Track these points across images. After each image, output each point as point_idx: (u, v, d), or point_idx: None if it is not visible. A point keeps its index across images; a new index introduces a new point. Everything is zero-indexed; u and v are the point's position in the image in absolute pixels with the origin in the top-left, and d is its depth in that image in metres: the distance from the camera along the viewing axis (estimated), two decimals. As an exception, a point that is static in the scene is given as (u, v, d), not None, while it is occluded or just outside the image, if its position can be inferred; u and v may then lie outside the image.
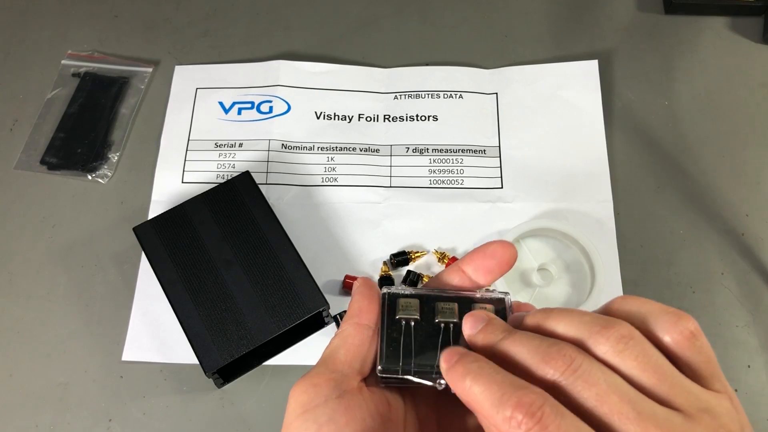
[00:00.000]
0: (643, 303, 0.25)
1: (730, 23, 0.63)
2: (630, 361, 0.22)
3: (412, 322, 0.29)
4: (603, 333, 0.22)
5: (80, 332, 0.51)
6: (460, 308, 0.29)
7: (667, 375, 0.22)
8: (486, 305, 0.29)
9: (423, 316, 0.29)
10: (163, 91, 0.61)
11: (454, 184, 0.56)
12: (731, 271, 0.53)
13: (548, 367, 0.22)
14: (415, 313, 0.29)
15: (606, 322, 0.23)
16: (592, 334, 0.23)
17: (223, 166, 0.58)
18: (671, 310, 0.24)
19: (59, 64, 0.63)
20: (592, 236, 0.52)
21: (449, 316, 0.29)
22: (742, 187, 0.56)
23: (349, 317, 0.30)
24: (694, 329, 0.24)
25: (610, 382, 0.21)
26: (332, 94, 0.61)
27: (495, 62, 0.62)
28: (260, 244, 0.49)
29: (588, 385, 0.21)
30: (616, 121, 0.59)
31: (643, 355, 0.22)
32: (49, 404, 0.49)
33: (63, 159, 0.58)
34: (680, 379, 0.22)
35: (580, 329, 0.23)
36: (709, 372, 0.23)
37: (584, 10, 0.65)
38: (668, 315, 0.24)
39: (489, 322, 0.26)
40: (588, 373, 0.21)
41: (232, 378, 0.49)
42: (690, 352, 0.23)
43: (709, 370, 0.23)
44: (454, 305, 0.29)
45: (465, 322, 0.27)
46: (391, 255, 0.53)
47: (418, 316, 0.29)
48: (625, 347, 0.22)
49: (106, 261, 0.54)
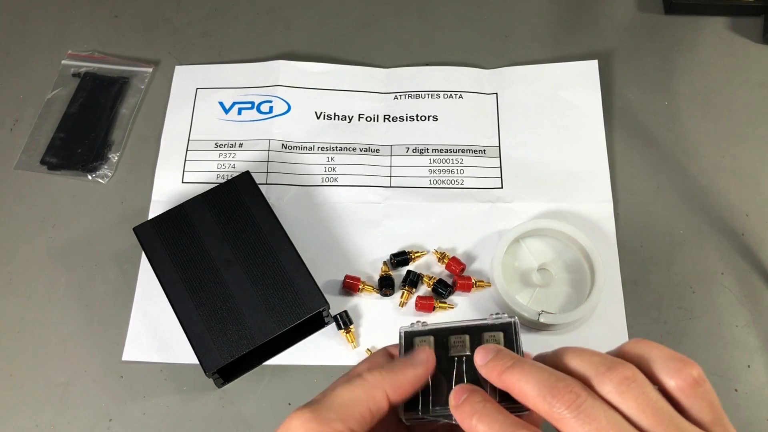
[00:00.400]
0: (652, 348, 0.26)
1: (730, 23, 0.63)
2: (631, 401, 0.24)
3: None
4: (608, 374, 0.24)
5: (80, 332, 0.51)
6: (471, 339, 0.31)
7: (665, 417, 0.24)
8: (495, 333, 0.31)
9: (438, 351, 0.31)
10: (163, 91, 0.62)
11: (454, 184, 0.57)
12: (731, 271, 0.53)
13: (555, 400, 0.24)
14: None
15: (612, 363, 0.25)
16: (598, 374, 0.25)
17: (223, 166, 0.58)
18: (677, 357, 0.26)
19: (59, 64, 0.63)
20: (592, 236, 0.52)
21: (461, 350, 0.31)
22: (742, 187, 0.56)
23: (389, 379, 0.29)
24: (697, 376, 0.25)
25: (610, 419, 0.23)
26: (332, 94, 0.61)
27: (495, 62, 0.62)
28: (260, 244, 0.49)
29: (589, 420, 0.23)
30: (616, 121, 0.59)
31: (644, 396, 0.24)
32: (49, 404, 0.49)
33: (63, 159, 0.58)
34: (678, 422, 0.24)
35: (588, 368, 0.25)
36: (712, 417, 0.25)
37: (584, 10, 0.65)
38: (674, 361, 0.25)
39: (498, 353, 0.28)
40: (591, 409, 0.23)
41: (232, 378, 0.49)
42: (693, 397, 0.25)
43: (712, 415, 0.25)
44: (466, 337, 0.32)
45: (476, 355, 0.28)
46: (391, 255, 0.53)
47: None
48: (627, 389, 0.24)
49: (106, 261, 0.54)
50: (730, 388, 0.48)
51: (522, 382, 0.25)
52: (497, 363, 0.27)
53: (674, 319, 0.51)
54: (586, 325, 0.50)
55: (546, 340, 0.50)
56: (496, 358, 0.27)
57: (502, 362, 0.27)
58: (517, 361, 0.26)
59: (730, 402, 0.48)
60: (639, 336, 0.50)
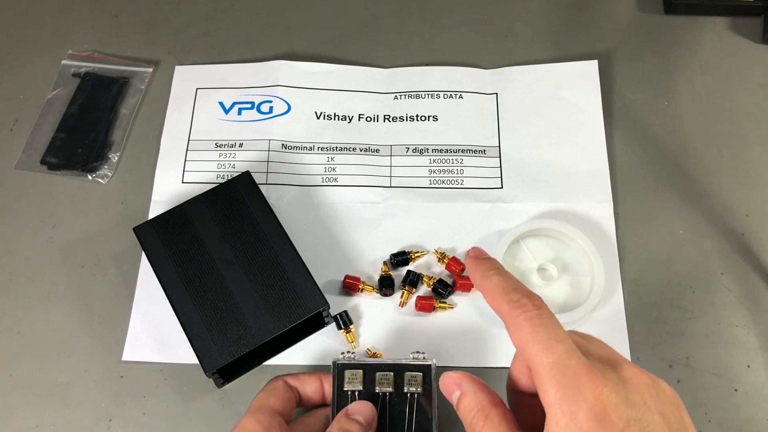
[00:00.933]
0: None
1: (730, 23, 0.63)
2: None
3: (357, 393, 0.38)
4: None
5: (80, 332, 0.51)
6: (395, 377, 0.38)
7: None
8: (416, 373, 0.37)
9: (365, 386, 0.38)
10: (163, 91, 0.62)
11: (454, 184, 0.57)
12: (731, 271, 0.53)
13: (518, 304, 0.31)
14: (359, 385, 0.38)
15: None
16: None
17: (224, 166, 0.58)
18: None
19: (59, 64, 0.63)
20: (592, 236, 0.52)
21: (386, 386, 0.38)
22: (742, 187, 0.56)
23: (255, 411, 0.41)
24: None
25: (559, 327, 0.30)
26: (332, 94, 0.61)
27: (495, 62, 0.62)
28: (260, 244, 0.49)
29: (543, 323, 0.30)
30: (616, 121, 0.59)
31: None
32: (49, 404, 0.49)
33: (63, 159, 0.58)
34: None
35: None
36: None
37: (584, 10, 0.65)
38: None
39: (486, 258, 0.35)
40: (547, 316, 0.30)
41: (232, 378, 0.49)
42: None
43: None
44: (391, 375, 0.38)
45: (469, 251, 0.35)
46: (391, 255, 0.53)
47: (361, 387, 0.38)
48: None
49: (106, 261, 0.54)
50: (730, 388, 0.48)
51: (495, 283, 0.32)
52: (482, 265, 0.34)
53: (674, 319, 0.51)
54: (586, 325, 0.50)
55: (546, 340, 0.50)
56: (484, 260, 0.34)
57: (487, 264, 0.34)
58: (497, 269, 0.33)
59: (730, 402, 0.48)
60: (639, 335, 0.50)
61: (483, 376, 0.49)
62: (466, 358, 0.50)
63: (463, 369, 0.49)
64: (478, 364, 0.49)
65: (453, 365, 0.49)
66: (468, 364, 0.49)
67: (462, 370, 0.35)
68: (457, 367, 0.49)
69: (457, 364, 0.49)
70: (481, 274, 0.33)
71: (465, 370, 0.49)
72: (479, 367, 0.49)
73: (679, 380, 0.49)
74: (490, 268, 0.33)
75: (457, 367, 0.49)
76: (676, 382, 0.49)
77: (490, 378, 0.49)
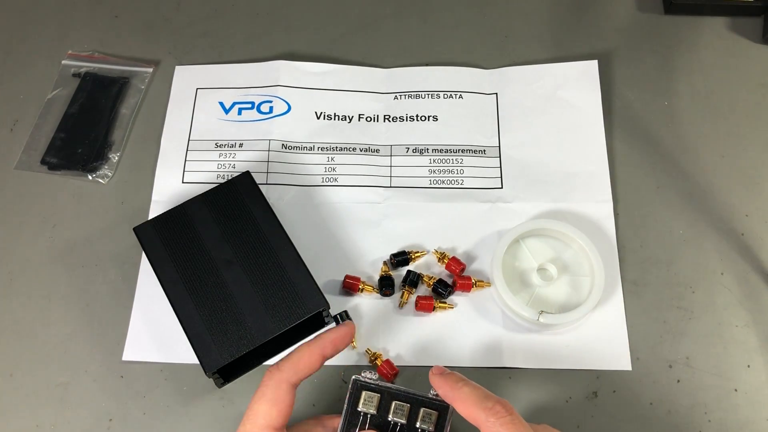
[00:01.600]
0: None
1: (730, 23, 0.63)
2: None
3: (369, 416, 0.38)
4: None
5: (80, 332, 0.51)
6: (410, 410, 0.38)
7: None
8: (431, 411, 0.38)
9: (379, 411, 0.38)
10: (163, 91, 0.62)
11: (454, 184, 0.57)
12: (731, 271, 0.53)
13: (491, 412, 0.35)
14: (372, 409, 0.38)
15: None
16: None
17: (224, 166, 0.58)
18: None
19: (59, 64, 0.63)
20: (592, 236, 0.52)
21: (400, 417, 0.38)
22: (742, 187, 0.56)
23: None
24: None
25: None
26: (332, 94, 0.61)
27: (495, 62, 0.62)
28: (260, 244, 0.49)
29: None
30: (615, 121, 0.59)
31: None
32: (49, 404, 0.49)
33: (63, 159, 0.58)
34: None
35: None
36: None
37: (584, 10, 0.65)
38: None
39: (450, 372, 0.38)
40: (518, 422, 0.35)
41: (232, 378, 0.49)
42: None
43: None
44: (407, 406, 0.38)
45: (433, 368, 0.39)
46: (391, 255, 0.53)
47: (375, 411, 0.38)
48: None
49: (107, 261, 0.54)
50: (730, 388, 0.48)
51: (467, 393, 0.36)
52: (450, 378, 0.37)
53: (674, 319, 0.51)
54: (586, 325, 0.50)
55: (546, 340, 0.50)
56: (449, 374, 0.38)
57: (454, 377, 0.37)
58: (465, 380, 0.37)
59: (729, 402, 0.48)
60: (639, 335, 0.50)
61: (483, 376, 0.49)
62: (466, 358, 0.50)
63: (463, 369, 0.49)
64: (478, 364, 0.49)
65: (453, 365, 0.49)
66: (468, 364, 0.49)
67: (461, 371, 0.35)
68: (457, 367, 0.49)
69: (457, 364, 0.49)
70: (450, 387, 0.37)
71: (465, 370, 0.49)
72: (479, 367, 0.49)
73: (679, 380, 0.49)
74: (458, 380, 0.37)
75: (458, 367, 0.49)
76: (676, 382, 0.49)
77: (490, 378, 0.49)
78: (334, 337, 0.41)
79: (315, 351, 0.40)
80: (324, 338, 0.40)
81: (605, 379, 0.49)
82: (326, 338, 0.41)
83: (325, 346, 0.40)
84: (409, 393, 0.38)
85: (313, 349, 0.40)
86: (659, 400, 0.48)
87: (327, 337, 0.41)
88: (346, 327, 0.42)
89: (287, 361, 0.40)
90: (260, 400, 0.39)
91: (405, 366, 0.50)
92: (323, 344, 0.40)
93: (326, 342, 0.40)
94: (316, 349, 0.40)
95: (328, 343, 0.40)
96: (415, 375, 0.49)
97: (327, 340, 0.40)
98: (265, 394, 0.39)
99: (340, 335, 0.41)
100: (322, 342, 0.40)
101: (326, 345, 0.40)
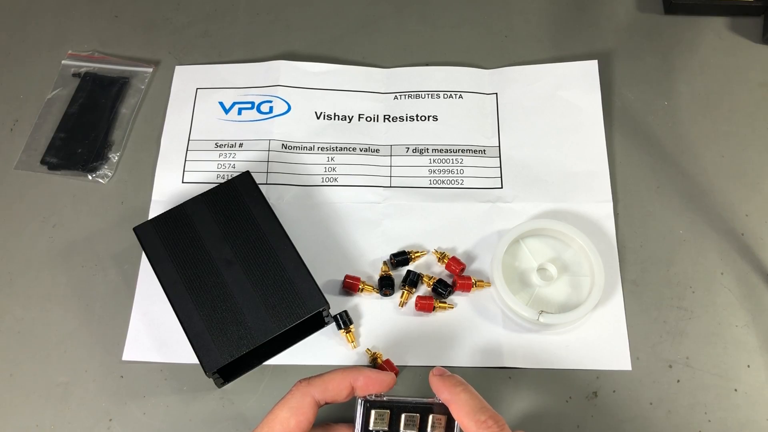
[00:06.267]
0: None
1: (730, 23, 0.63)
2: None
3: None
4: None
5: (80, 332, 0.51)
6: (421, 418, 0.39)
7: None
8: (440, 416, 0.39)
9: (391, 426, 0.39)
10: (163, 91, 0.62)
11: (454, 184, 0.57)
12: (731, 271, 0.53)
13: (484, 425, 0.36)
14: (384, 425, 0.39)
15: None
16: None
17: (224, 166, 0.58)
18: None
19: (59, 64, 0.63)
20: (592, 236, 0.52)
21: (411, 428, 0.39)
22: (742, 187, 0.56)
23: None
24: None
25: None
26: (332, 94, 0.61)
27: (495, 62, 0.62)
28: (260, 244, 0.49)
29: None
30: (615, 121, 0.59)
31: None
32: (49, 404, 0.49)
33: (63, 159, 0.58)
34: None
35: None
36: None
37: (584, 10, 0.65)
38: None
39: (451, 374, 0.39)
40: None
41: (232, 378, 0.49)
42: None
43: None
44: (417, 417, 0.39)
45: (433, 369, 0.40)
46: (391, 255, 0.53)
47: (387, 427, 0.39)
48: None
49: (106, 261, 0.54)
50: (730, 388, 0.48)
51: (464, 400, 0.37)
52: (449, 381, 0.38)
53: (674, 319, 0.51)
54: (586, 325, 0.50)
55: (546, 340, 0.50)
56: (449, 377, 0.39)
57: (453, 381, 0.38)
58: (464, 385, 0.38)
59: (729, 402, 0.48)
60: (639, 335, 0.50)
61: (483, 376, 0.49)
62: (466, 358, 0.50)
63: (463, 369, 0.49)
64: (478, 364, 0.49)
65: (453, 365, 0.49)
66: (468, 364, 0.49)
67: (461, 371, 0.35)
68: (457, 367, 0.49)
69: (457, 364, 0.49)
70: (448, 390, 0.37)
71: (465, 370, 0.49)
72: (479, 367, 0.49)
73: (679, 380, 0.49)
74: (457, 384, 0.37)
75: (458, 367, 0.49)
76: (676, 382, 0.49)
77: (490, 378, 0.49)
78: (371, 374, 0.40)
79: (347, 378, 0.40)
80: (360, 370, 0.40)
81: (605, 379, 0.49)
82: (362, 371, 0.40)
83: (357, 378, 0.40)
84: (416, 402, 0.39)
85: (346, 375, 0.40)
86: (659, 400, 0.48)
87: (363, 371, 0.40)
88: (387, 375, 0.41)
89: (318, 378, 0.40)
90: (283, 406, 0.38)
91: (405, 366, 0.50)
92: (356, 375, 0.40)
93: (360, 374, 0.40)
94: (348, 376, 0.40)
95: (362, 377, 0.40)
96: (414, 375, 0.49)
97: (362, 373, 0.40)
98: (289, 402, 0.38)
99: (377, 377, 0.40)
100: (356, 372, 0.40)
101: (359, 377, 0.40)
